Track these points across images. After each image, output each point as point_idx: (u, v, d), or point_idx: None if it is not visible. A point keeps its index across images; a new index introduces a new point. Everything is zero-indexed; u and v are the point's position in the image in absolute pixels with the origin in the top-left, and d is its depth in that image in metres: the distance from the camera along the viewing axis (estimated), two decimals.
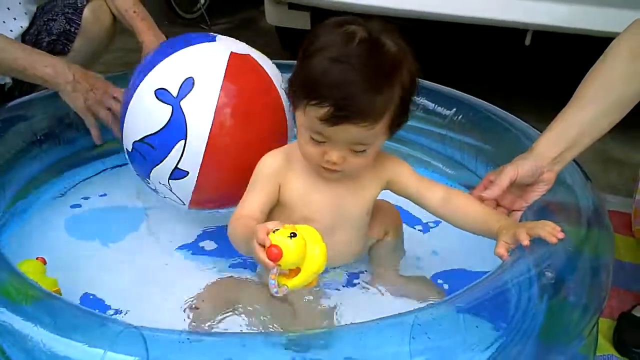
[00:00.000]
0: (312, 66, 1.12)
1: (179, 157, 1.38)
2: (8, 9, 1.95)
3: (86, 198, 1.76)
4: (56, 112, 1.71)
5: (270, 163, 1.28)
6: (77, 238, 1.59)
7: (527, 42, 2.46)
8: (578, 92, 1.21)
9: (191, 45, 1.46)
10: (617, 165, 2.33)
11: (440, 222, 1.58)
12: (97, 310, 1.29)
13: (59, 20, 2.01)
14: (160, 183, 1.46)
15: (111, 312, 1.33)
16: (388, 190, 1.36)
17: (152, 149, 1.41)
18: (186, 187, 1.43)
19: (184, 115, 1.36)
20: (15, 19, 1.97)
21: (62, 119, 1.72)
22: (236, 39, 1.56)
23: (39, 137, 1.68)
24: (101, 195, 1.77)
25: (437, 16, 2.42)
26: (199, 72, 1.40)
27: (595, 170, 2.19)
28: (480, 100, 1.83)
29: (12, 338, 0.96)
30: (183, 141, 1.37)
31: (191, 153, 1.37)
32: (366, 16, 1.18)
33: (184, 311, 1.29)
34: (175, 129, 1.37)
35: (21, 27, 1.99)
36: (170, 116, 1.37)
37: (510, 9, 2.34)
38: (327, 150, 1.17)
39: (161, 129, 1.38)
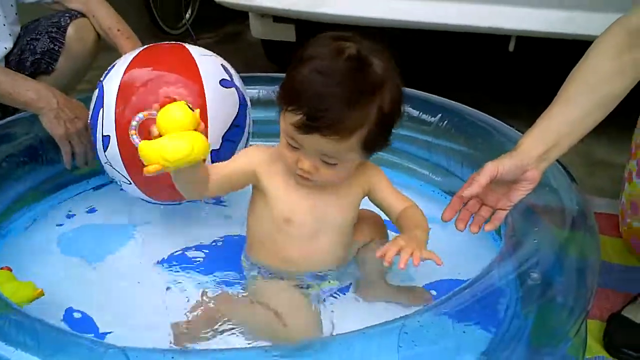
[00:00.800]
0: (297, 74, 1.15)
1: (101, 124, 1.52)
2: None
3: (72, 216, 1.75)
4: (39, 132, 1.69)
5: (252, 150, 1.36)
6: (64, 255, 1.58)
7: (511, 48, 2.47)
8: (562, 91, 1.21)
9: None
10: (603, 167, 2.34)
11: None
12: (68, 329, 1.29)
13: (42, 40, 2.00)
14: (105, 164, 1.56)
15: (98, 329, 1.32)
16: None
17: (94, 131, 1.57)
18: (115, 155, 1.52)
19: (104, 89, 1.54)
20: None
21: (45, 139, 1.70)
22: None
23: (22, 159, 1.66)
24: (87, 212, 1.77)
25: (421, 25, 2.42)
26: (122, 58, 1.60)
27: (581, 173, 2.20)
28: (464, 106, 1.83)
29: None
30: (102, 109, 1.52)
31: (107, 116, 1.51)
32: (352, 27, 1.20)
33: (172, 329, 1.28)
34: (98, 102, 1.54)
35: (5, 48, 1.98)
36: (97, 95, 1.56)
37: (492, 15, 2.34)
38: (301, 158, 1.20)
39: (92, 109, 1.57)
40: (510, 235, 1.27)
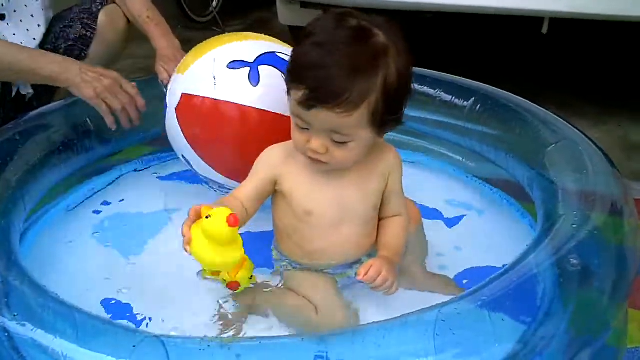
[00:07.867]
0: (298, 49, 1.17)
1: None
2: (32, 16, 1.97)
3: (107, 204, 1.76)
4: (74, 121, 1.71)
5: (267, 155, 1.32)
6: (100, 244, 1.59)
7: (544, 30, 2.43)
8: None
9: None
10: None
11: (463, 216, 1.62)
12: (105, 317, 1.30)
13: (75, 27, 2.04)
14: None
15: (136, 316, 1.33)
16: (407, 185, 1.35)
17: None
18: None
19: None
20: (39, 25, 1.99)
21: (79, 127, 1.72)
22: None
23: (57, 147, 1.67)
24: (121, 201, 1.77)
25: (452, 7, 2.39)
26: None
27: (618, 158, 2.15)
28: (498, 89, 1.80)
29: (33, 350, 0.96)
30: None
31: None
32: (380, 12, 1.18)
33: (214, 322, 1.29)
34: None
35: (43, 32, 2.01)
36: None
37: None
38: (310, 138, 1.18)
39: None
40: (546, 219, 1.25)
